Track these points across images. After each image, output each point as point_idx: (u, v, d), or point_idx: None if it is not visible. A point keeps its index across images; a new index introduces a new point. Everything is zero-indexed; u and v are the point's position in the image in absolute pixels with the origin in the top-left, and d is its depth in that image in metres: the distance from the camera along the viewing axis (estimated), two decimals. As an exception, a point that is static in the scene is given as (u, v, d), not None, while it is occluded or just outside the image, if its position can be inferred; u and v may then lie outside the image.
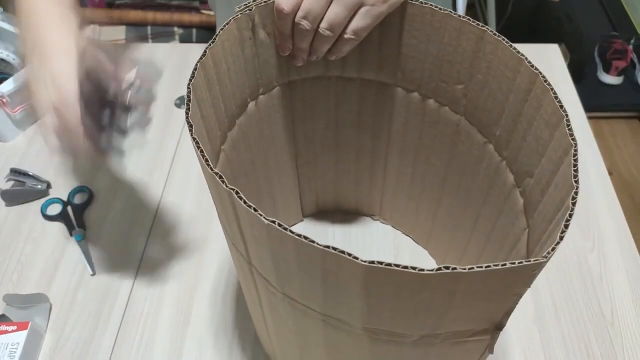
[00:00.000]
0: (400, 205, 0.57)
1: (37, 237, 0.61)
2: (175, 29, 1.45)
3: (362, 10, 0.39)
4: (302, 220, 0.63)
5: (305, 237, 0.24)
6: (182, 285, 0.57)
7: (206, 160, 0.28)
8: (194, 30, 1.45)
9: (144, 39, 1.45)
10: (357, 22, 0.40)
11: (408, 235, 0.60)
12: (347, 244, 0.61)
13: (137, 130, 0.42)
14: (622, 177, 1.57)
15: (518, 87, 0.35)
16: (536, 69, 0.33)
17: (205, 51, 0.35)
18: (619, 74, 1.69)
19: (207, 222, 0.62)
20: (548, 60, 0.81)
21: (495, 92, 0.38)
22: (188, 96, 0.32)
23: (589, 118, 0.72)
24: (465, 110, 0.42)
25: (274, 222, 0.25)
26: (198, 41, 1.45)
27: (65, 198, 0.64)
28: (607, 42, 1.71)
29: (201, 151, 0.29)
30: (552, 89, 0.32)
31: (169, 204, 0.64)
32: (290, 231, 0.25)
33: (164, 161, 0.68)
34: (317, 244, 0.24)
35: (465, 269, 0.23)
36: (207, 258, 0.59)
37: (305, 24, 0.40)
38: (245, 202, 0.26)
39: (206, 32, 1.45)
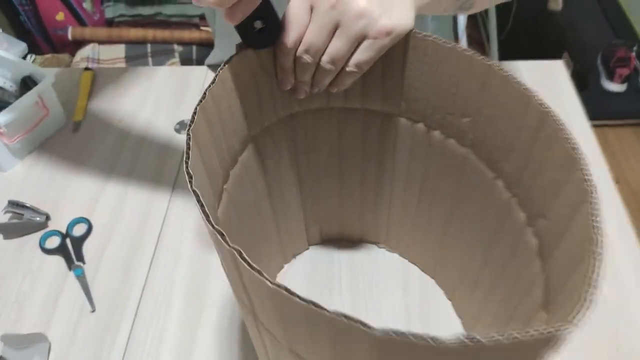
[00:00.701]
0: (406, 234, 0.56)
1: (35, 271, 0.60)
2: (175, 46, 1.45)
3: (365, 43, 0.38)
4: (307, 249, 0.61)
5: (314, 304, 0.23)
6: (185, 319, 0.55)
7: (207, 216, 0.27)
8: (194, 47, 1.45)
9: (143, 56, 1.44)
10: (360, 56, 0.39)
11: (414, 264, 0.59)
12: (354, 272, 0.59)
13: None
14: (629, 186, 1.55)
15: (527, 125, 0.34)
16: (546, 107, 0.32)
17: (205, 93, 0.34)
18: (622, 82, 1.67)
19: (209, 253, 0.61)
20: (553, 76, 0.80)
21: (503, 128, 0.36)
22: (188, 143, 0.31)
23: (594, 127, 0.71)
24: (472, 144, 0.41)
25: (279, 286, 0.23)
26: (198, 58, 1.45)
27: (64, 230, 0.63)
28: (610, 49, 1.70)
29: (202, 205, 0.27)
30: (563, 128, 0.31)
31: (169, 233, 0.63)
32: (298, 297, 0.23)
33: (165, 189, 0.67)
34: (327, 311, 0.23)
35: (487, 338, 0.21)
36: (210, 291, 0.58)
37: (307, 57, 0.39)
38: (249, 264, 0.25)
39: (206, 49, 1.44)
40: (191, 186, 0.28)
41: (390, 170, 0.52)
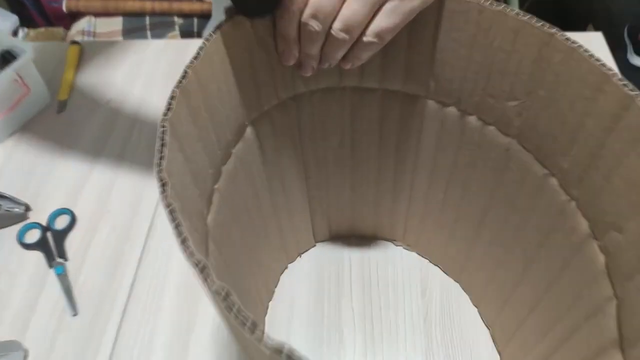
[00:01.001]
0: (428, 232, 0.49)
1: (13, 269, 0.54)
2: (175, 18, 1.36)
3: (388, 6, 0.31)
4: (314, 246, 0.55)
5: None
6: (177, 326, 0.49)
7: (183, 241, 0.20)
8: (195, 20, 1.36)
9: (142, 29, 1.36)
10: (381, 22, 0.31)
11: (436, 265, 0.52)
12: (366, 272, 0.53)
13: None
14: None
15: (601, 111, 0.26)
16: (631, 89, 0.24)
17: (185, 71, 0.27)
18: (651, 57, 1.57)
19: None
20: (591, 50, 0.72)
21: (564, 115, 0.29)
22: (162, 138, 0.24)
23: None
24: (519, 133, 0.33)
25: (281, 350, 0.17)
26: (199, 30, 1.36)
27: (45, 222, 0.56)
28: (638, 21, 1.59)
29: (177, 226, 0.20)
30: (655, 117, 0.23)
31: (161, 227, 0.56)
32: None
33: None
34: None
35: None
36: (205, 295, 0.51)
37: (314, 24, 0.31)
38: (239, 314, 0.17)
39: (208, 21, 1.36)
40: (164, 198, 0.21)
41: (412, 158, 0.44)
